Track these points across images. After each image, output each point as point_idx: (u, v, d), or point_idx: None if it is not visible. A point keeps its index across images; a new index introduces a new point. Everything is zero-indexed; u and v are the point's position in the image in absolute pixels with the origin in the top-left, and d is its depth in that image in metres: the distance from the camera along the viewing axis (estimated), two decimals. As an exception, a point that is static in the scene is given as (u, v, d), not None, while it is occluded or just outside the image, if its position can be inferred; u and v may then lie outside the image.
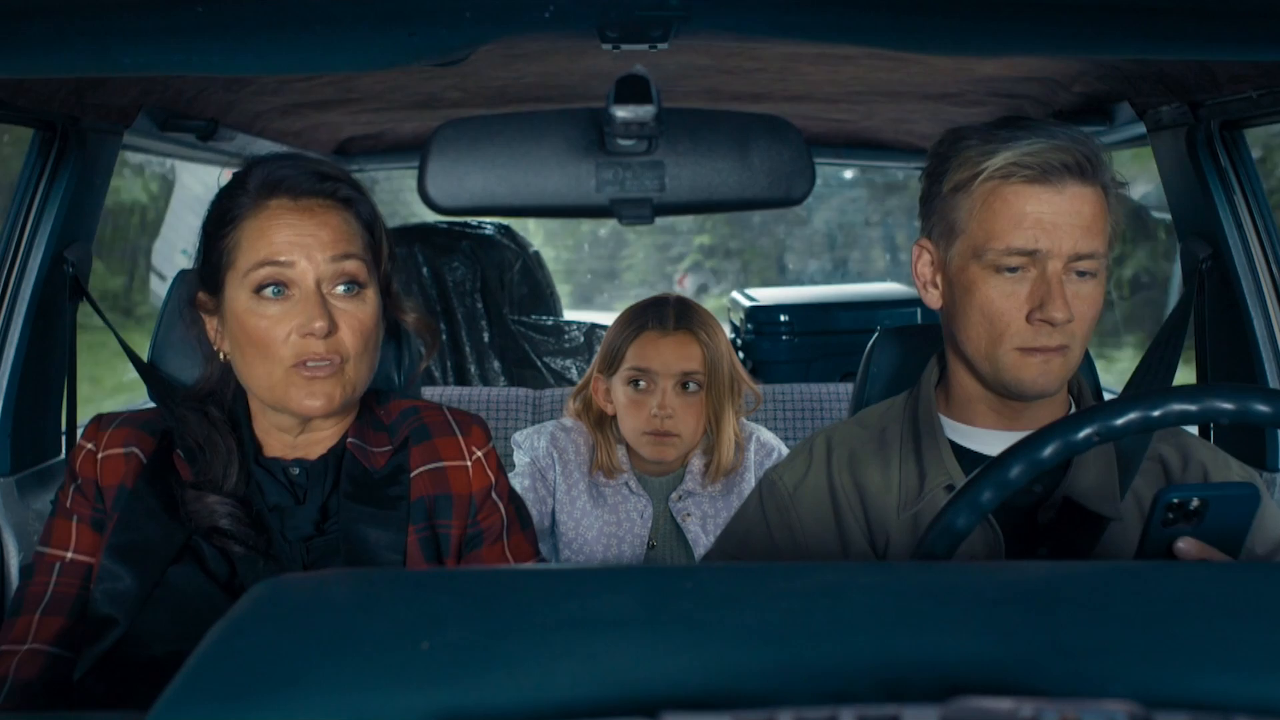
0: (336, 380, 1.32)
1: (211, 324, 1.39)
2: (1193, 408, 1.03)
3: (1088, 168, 1.30)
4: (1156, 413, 1.03)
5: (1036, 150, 1.29)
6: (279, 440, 1.40)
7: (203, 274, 1.39)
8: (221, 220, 1.35)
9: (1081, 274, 1.31)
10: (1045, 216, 1.29)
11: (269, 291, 1.31)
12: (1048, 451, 1.04)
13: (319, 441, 1.40)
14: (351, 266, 1.33)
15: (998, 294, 1.31)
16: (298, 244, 1.31)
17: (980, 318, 1.32)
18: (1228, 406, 1.02)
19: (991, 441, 1.39)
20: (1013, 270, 1.31)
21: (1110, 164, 1.35)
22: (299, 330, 1.30)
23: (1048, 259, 1.29)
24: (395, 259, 1.42)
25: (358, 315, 1.33)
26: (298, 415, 1.35)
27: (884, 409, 1.50)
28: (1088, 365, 1.83)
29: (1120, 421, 1.03)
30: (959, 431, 1.42)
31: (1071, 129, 1.33)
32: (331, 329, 1.31)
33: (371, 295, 1.36)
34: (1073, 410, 1.43)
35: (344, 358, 1.33)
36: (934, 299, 1.41)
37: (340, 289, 1.33)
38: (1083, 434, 1.03)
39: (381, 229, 1.40)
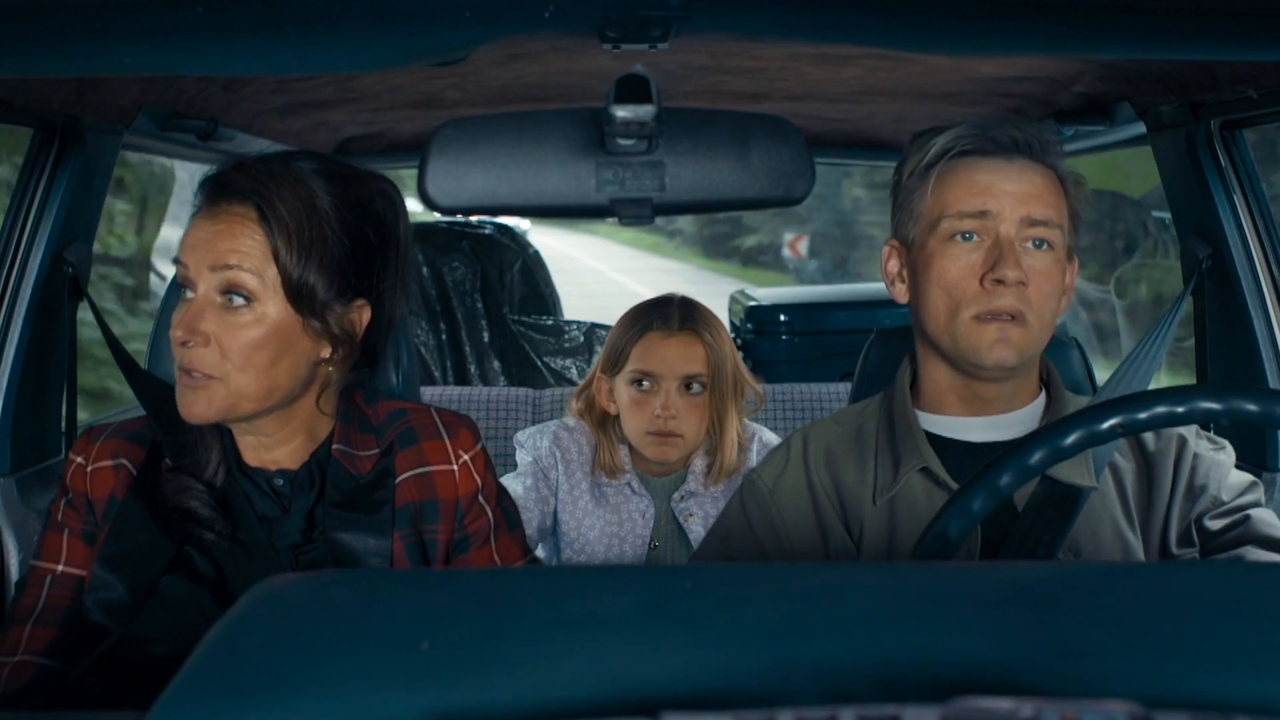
0: (209, 396, 1.28)
1: None
2: (1217, 406, 1.04)
3: (1036, 147, 1.36)
4: (1181, 409, 1.03)
5: (983, 126, 1.37)
6: (247, 445, 1.39)
7: None
8: None
9: (1038, 244, 1.35)
10: (995, 182, 1.34)
11: (186, 292, 1.31)
12: (1070, 440, 1.05)
13: (275, 448, 1.38)
14: (233, 277, 1.27)
15: (952, 263, 1.36)
16: (193, 248, 1.29)
17: (938, 290, 1.37)
18: (1252, 408, 1.03)
19: (966, 428, 1.42)
20: (966, 237, 1.35)
21: (1060, 153, 1.40)
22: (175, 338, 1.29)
23: (999, 222, 1.34)
24: (330, 263, 1.30)
25: (239, 329, 1.27)
26: None
27: (860, 408, 1.53)
28: (1082, 359, 1.83)
29: (1144, 415, 1.04)
30: (932, 422, 1.44)
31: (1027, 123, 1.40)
32: (192, 340, 1.27)
33: (269, 309, 1.28)
34: (1043, 396, 1.46)
35: (215, 374, 1.27)
36: (901, 293, 1.45)
37: (225, 299, 1.28)
38: (1107, 424, 1.04)
39: (300, 237, 1.28)
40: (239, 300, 1.28)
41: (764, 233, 20.80)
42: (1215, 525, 1.39)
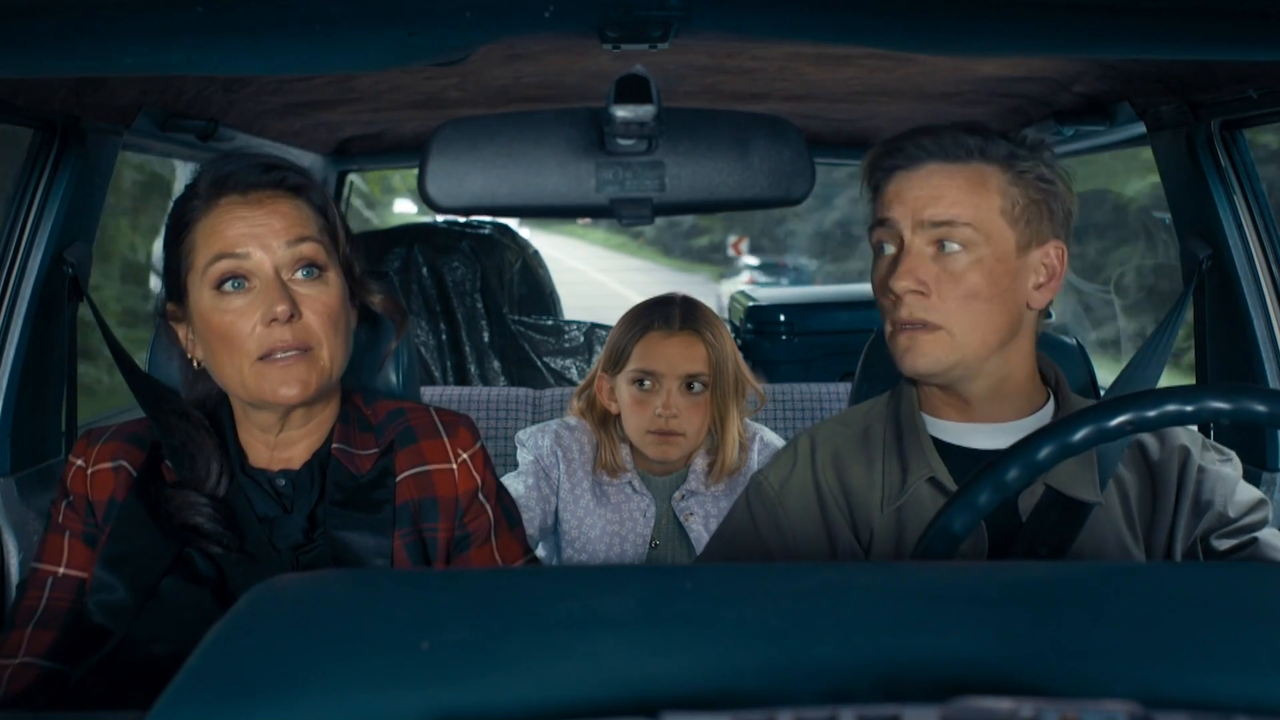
0: (309, 366, 1.31)
1: (183, 332, 1.39)
2: (1226, 406, 1.03)
3: (953, 150, 1.34)
4: (1190, 408, 1.03)
5: (897, 139, 1.37)
6: (261, 445, 1.39)
7: (167, 283, 1.39)
8: (177, 227, 1.36)
9: (949, 247, 1.33)
10: (900, 191, 1.35)
11: (229, 285, 1.31)
12: (1078, 436, 1.05)
13: (297, 443, 1.39)
14: (308, 250, 1.32)
15: (876, 274, 1.38)
16: (251, 235, 1.31)
17: (877, 299, 1.40)
18: (1261, 409, 1.02)
19: (973, 434, 1.41)
20: (885, 248, 1.37)
21: (998, 145, 1.35)
22: (263, 320, 1.29)
23: (901, 229, 1.34)
24: (354, 243, 1.41)
25: (321, 299, 1.32)
26: (275, 407, 1.34)
27: (867, 408, 1.52)
28: (1084, 361, 1.83)
29: (1154, 413, 1.03)
30: (939, 427, 1.44)
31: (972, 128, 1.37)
32: (295, 314, 1.30)
33: (334, 278, 1.35)
34: (1051, 402, 1.44)
35: (312, 344, 1.32)
36: None
37: (300, 274, 1.32)
38: (1116, 421, 1.03)
39: (336, 214, 1.39)
40: (313, 271, 1.33)
41: (713, 234, 25.26)
42: (1222, 546, 1.38)
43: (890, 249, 1.36)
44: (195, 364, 1.39)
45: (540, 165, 0.96)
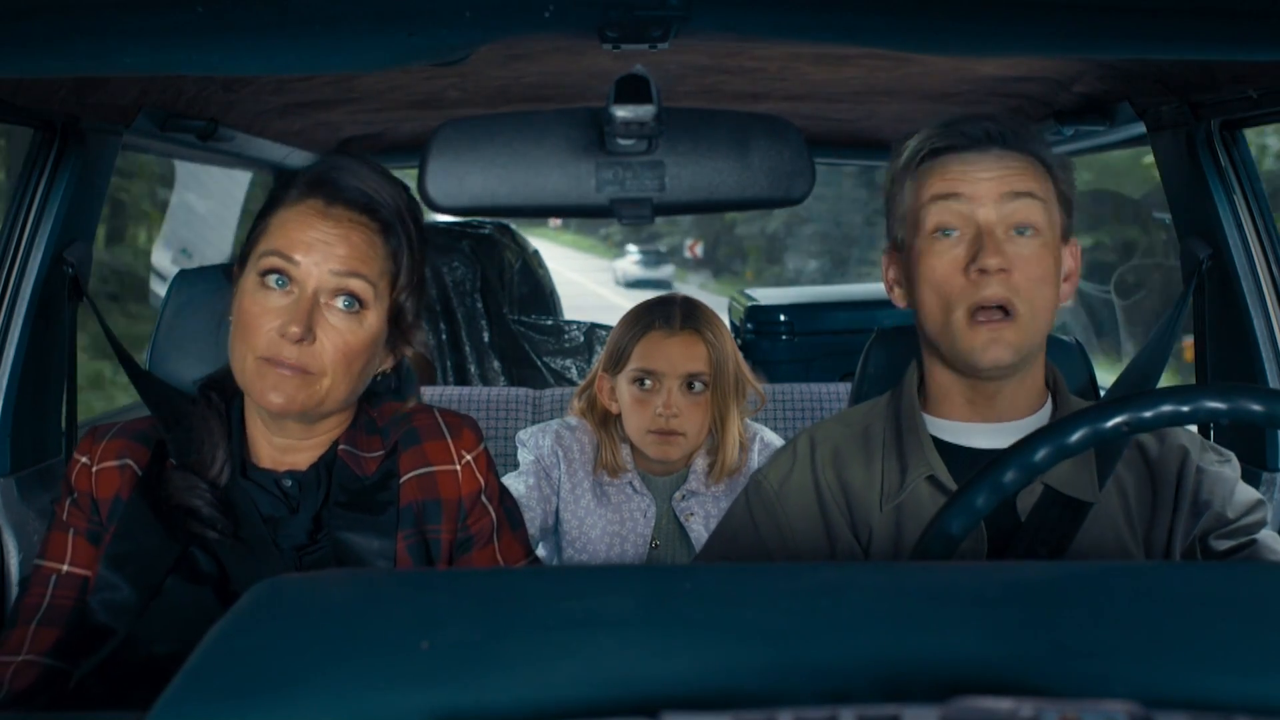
0: (305, 387, 1.30)
1: (235, 294, 1.40)
2: (1222, 406, 1.03)
3: (1011, 138, 1.35)
4: (1187, 408, 1.03)
5: (954, 121, 1.36)
6: (264, 443, 1.39)
7: (244, 247, 1.40)
8: (269, 202, 1.36)
9: (1021, 230, 1.33)
10: (969, 171, 1.34)
11: (272, 280, 1.30)
12: (1074, 438, 1.05)
13: (300, 450, 1.39)
14: (356, 285, 1.31)
15: (938, 259, 1.34)
16: (309, 245, 1.30)
17: (929, 289, 1.36)
18: (1257, 408, 1.02)
19: (973, 434, 1.41)
20: (948, 233, 1.34)
21: (1040, 140, 1.38)
22: (279, 329, 1.29)
23: (977, 208, 1.33)
24: (420, 293, 1.39)
25: (345, 335, 1.31)
26: (260, 408, 1.34)
27: (867, 408, 1.52)
28: (1084, 362, 1.83)
29: (1150, 414, 1.03)
30: (939, 427, 1.43)
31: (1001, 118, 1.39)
32: (308, 338, 1.28)
33: (372, 320, 1.33)
34: (1049, 403, 1.44)
35: (314, 370, 1.30)
36: (899, 297, 1.44)
37: (340, 303, 1.31)
38: (1112, 422, 1.03)
39: (411, 262, 1.36)
40: (354, 305, 1.31)
41: (673, 238, 31.26)
42: (1221, 547, 1.38)
43: (956, 232, 1.33)
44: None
45: (540, 165, 0.96)
